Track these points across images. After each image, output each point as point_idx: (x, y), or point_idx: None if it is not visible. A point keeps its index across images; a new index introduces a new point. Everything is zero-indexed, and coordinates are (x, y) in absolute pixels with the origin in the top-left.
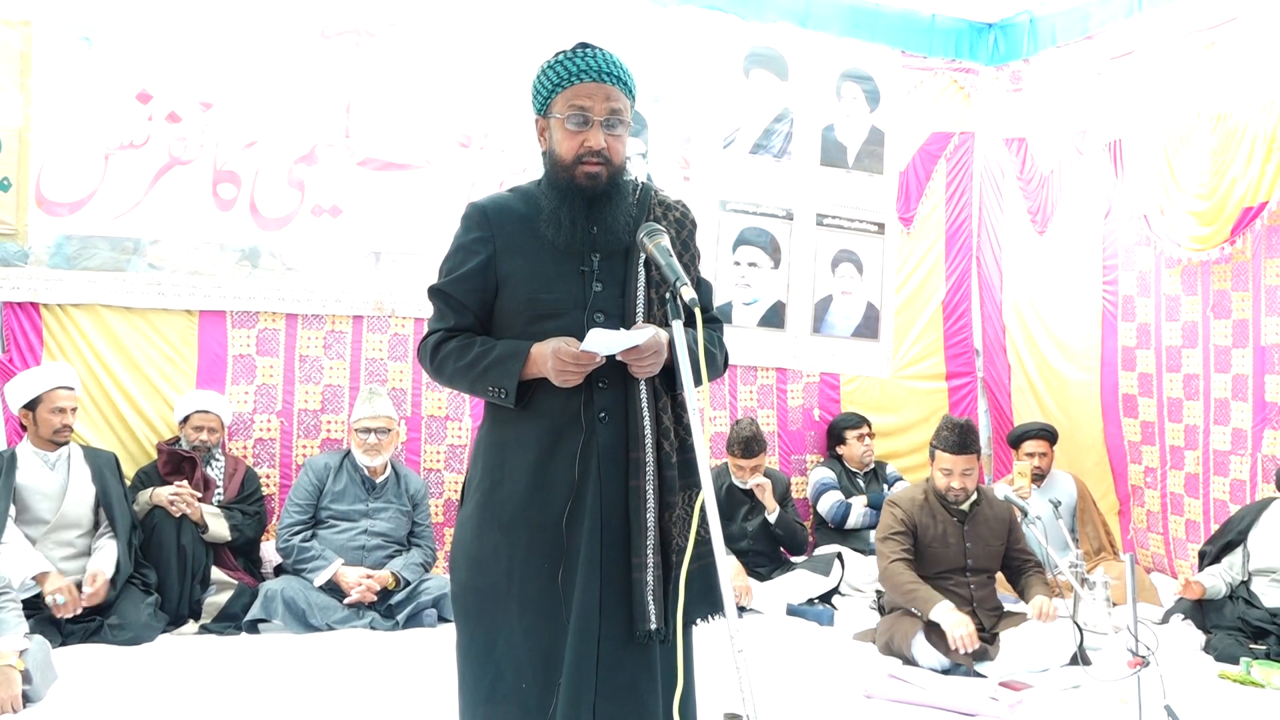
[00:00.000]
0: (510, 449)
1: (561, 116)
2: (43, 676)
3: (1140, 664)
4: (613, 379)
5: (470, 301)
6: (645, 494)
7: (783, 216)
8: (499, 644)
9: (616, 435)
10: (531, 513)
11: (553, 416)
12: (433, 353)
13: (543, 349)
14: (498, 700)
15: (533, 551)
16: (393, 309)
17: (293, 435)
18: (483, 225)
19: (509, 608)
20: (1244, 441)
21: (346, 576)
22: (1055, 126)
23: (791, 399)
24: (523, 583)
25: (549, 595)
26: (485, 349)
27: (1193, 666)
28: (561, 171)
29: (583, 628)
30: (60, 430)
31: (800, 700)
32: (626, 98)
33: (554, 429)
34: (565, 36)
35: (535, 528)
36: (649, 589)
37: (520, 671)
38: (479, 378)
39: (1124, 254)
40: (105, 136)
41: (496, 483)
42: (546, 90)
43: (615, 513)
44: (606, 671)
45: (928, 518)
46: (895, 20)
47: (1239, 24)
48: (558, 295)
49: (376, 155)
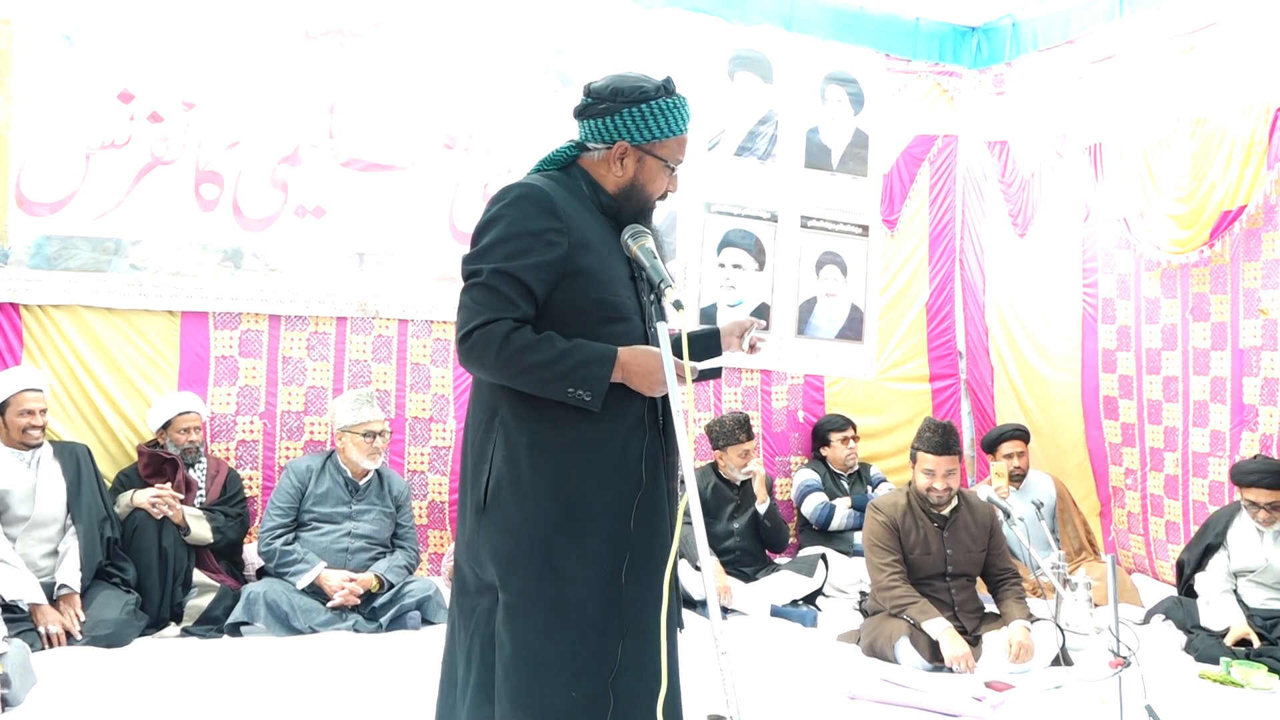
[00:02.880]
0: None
1: (664, 159)
2: (21, 680)
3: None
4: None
5: (540, 292)
6: (676, 497)
7: (767, 218)
8: (580, 647)
9: (668, 442)
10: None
11: (626, 420)
12: (503, 342)
13: (644, 359)
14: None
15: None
16: (376, 310)
17: (275, 437)
18: (557, 216)
19: (588, 609)
20: (1222, 443)
21: (329, 580)
22: (1036, 130)
23: (776, 401)
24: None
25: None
26: (568, 349)
27: (1173, 667)
28: (642, 201)
29: (668, 631)
30: (28, 431)
31: (784, 702)
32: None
33: (625, 432)
34: (550, 39)
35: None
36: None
37: (600, 669)
38: (559, 377)
39: (1104, 257)
40: (86, 136)
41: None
42: (660, 129)
43: (660, 515)
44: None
45: (910, 523)
46: (879, 24)
47: (1218, 29)
48: (623, 299)
49: (360, 156)
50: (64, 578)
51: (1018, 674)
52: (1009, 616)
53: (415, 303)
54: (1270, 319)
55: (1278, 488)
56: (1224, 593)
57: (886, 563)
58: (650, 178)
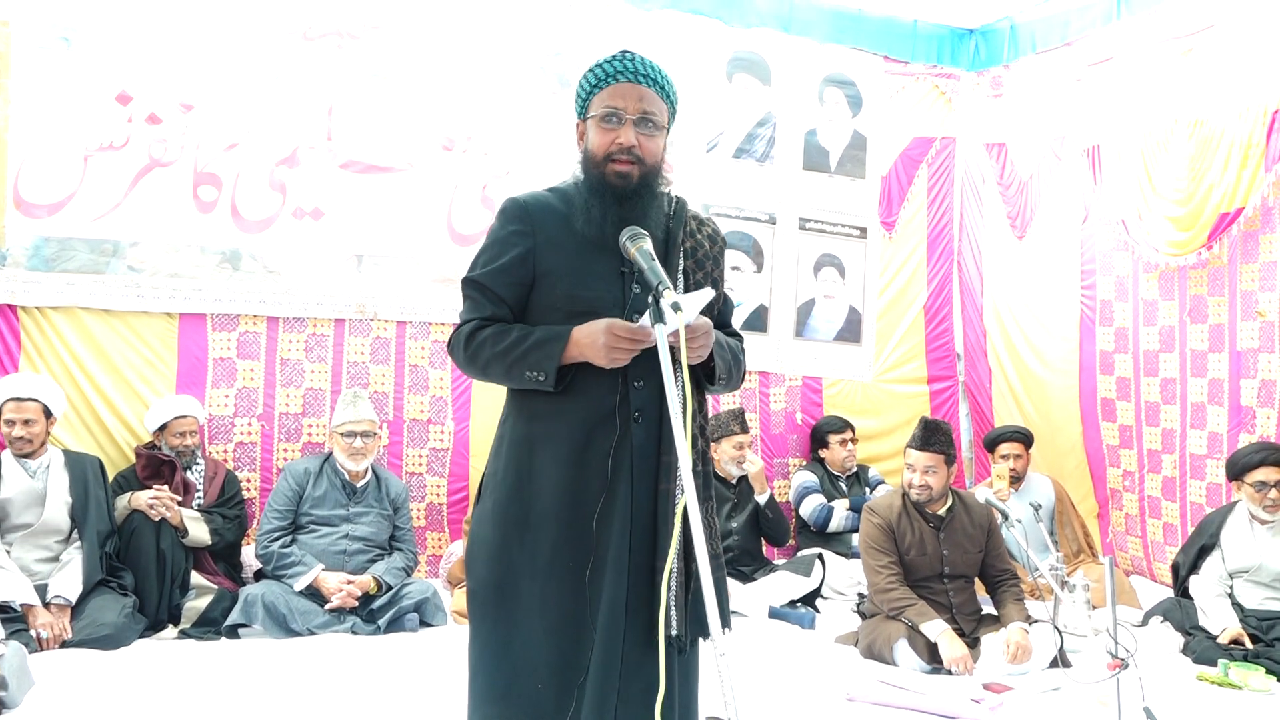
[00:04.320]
0: (540, 445)
1: (596, 115)
2: (19, 683)
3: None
4: (648, 379)
5: (506, 294)
6: (674, 498)
7: (765, 220)
8: (516, 643)
9: (650, 437)
10: (561, 510)
11: (587, 414)
12: (466, 341)
13: (591, 328)
14: (511, 700)
15: (559, 550)
16: (375, 312)
17: (273, 439)
18: (522, 219)
19: (530, 606)
20: (1220, 445)
21: (327, 582)
22: (1034, 132)
23: (774, 403)
24: (546, 582)
25: (574, 596)
26: (524, 334)
27: (1171, 668)
28: (594, 168)
29: (609, 630)
30: (16, 442)
31: (782, 703)
32: (664, 102)
33: (587, 427)
34: (548, 40)
35: (564, 525)
36: (674, 595)
37: (537, 672)
38: (516, 362)
39: (1102, 259)
40: (84, 138)
41: (524, 479)
42: (585, 92)
43: (644, 516)
44: (627, 676)
45: (905, 525)
46: (877, 26)
47: (1216, 31)
48: (596, 293)
49: (359, 158)
50: (60, 588)
51: (1016, 675)
52: (1007, 618)
53: (413, 304)
54: (1268, 321)
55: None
56: (1217, 596)
57: (883, 565)
58: (592, 139)
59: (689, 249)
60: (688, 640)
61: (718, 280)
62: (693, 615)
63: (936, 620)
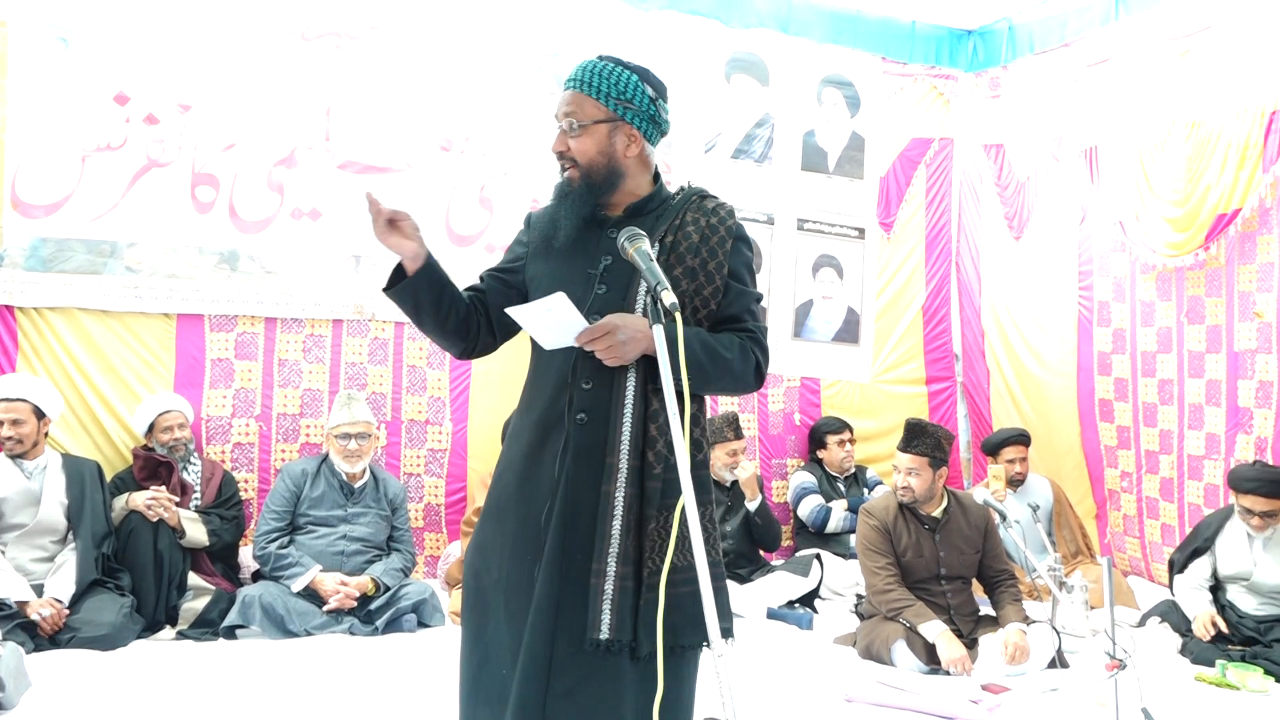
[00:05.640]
0: (513, 440)
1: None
2: (16, 684)
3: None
4: (598, 380)
5: (488, 284)
6: (614, 500)
7: (764, 221)
8: (488, 628)
9: (595, 438)
10: (518, 505)
11: (544, 412)
12: None
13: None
14: (480, 683)
15: (518, 543)
16: (373, 313)
17: (271, 439)
18: (525, 229)
19: (497, 594)
20: (1217, 446)
21: (324, 583)
22: (1032, 133)
23: (772, 403)
24: (509, 574)
25: (528, 588)
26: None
27: (1169, 669)
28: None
29: (536, 627)
30: (5, 442)
31: (780, 704)
32: (590, 97)
33: (544, 426)
34: (546, 41)
35: (520, 520)
36: (606, 598)
37: (501, 657)
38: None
39: (1099, 260)
40: (82, 138)
41: (501, 472)
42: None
43: (584, 516)
44: (558, 674)
45: (901, 526)
46: (876, 27)
47: (1213, 32)
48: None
49: (357, 158)
50: (54, 590)
51: (1014, 676)
52: (1005, 619)
53: None
54: (1265, 322)
55: (1274, 497)
56: (1194, 589)
57: (880, 566)
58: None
59: (669, 243)
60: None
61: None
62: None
63: (935, 621)
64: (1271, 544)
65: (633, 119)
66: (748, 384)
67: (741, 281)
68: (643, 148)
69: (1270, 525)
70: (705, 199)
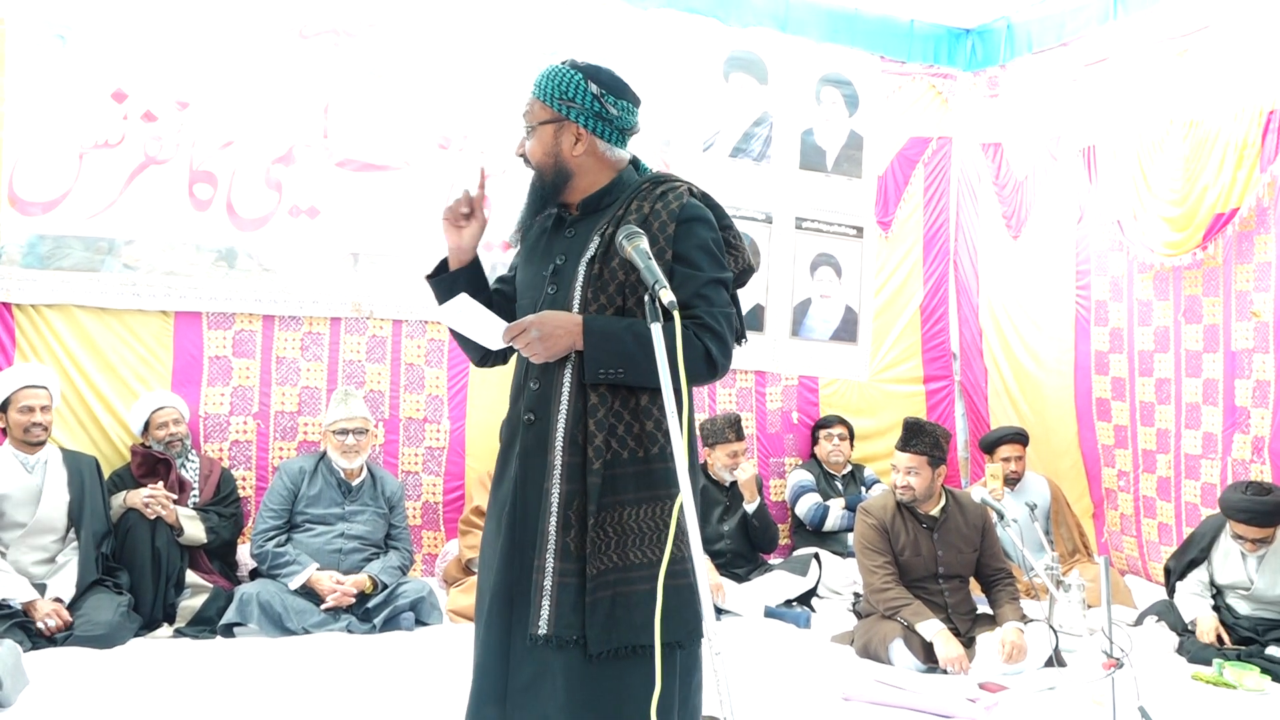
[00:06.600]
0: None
1: None
2: (14, 682)
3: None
4: (544, 379)
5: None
6: (551, 498)
7: (762, 220)
8: (483, 616)
9: (541, 436)
10: (493, 505)
11: (510, 414)
12: None
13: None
14: (479, 670)
15: (494, 542)
16: (371, 310)
17: (269, 437)
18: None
19: (485, 583)
20: (1214, 445)
21: (321, 581)
22: (1030, 132)
23: (770, 402)
24: (491, 566)
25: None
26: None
27: (1166, 668)
28: None
29: (491, 623)
30: (31, 430)
31: (778, 702)
32: (538, 100)
33: (511, 426)
34: (545, 39)
35: (495, 519)
36: (545, 594)
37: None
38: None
39: (1097, 259)
40: (80, 135)
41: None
42: None
43: (531, 514)
44: (515, 668)
45: (899, 525)
46: (874, 25)
47: (1211, 32)
48: (526, 301)
49: (355, 156)
50: (57, 590)
51: (1011, 675)
52: (1002, 618)
53: (410, 303)
54: (1262, 321)
55: (1266, 526)
56: (1194, 595)
57: (878, 565)
58: None
59: (608, 235)
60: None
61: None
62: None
63: (932, 620)
64: (1267, 560)
65: (577, 117)
66: (699, 373)
67: (691, 265)
68: (592, 145)
69: (1263, 547)
70: (659, 184)
